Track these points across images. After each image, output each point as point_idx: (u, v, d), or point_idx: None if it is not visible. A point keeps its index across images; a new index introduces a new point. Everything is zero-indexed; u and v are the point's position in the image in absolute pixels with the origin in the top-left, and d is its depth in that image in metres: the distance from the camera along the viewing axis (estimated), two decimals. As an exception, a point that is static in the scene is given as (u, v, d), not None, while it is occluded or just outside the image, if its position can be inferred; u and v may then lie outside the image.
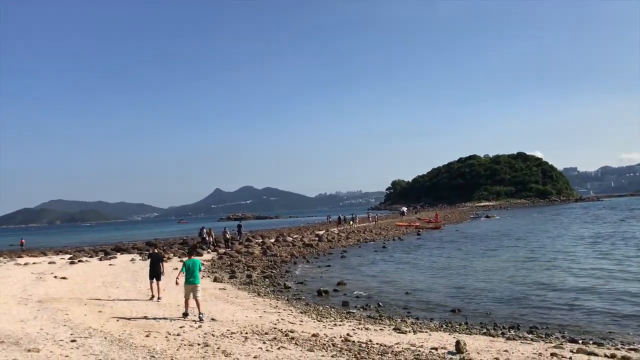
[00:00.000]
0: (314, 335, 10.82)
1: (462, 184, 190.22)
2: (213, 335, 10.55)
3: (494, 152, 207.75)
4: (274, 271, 25.63)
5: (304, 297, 18.12)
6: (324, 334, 11.01)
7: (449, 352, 9.42)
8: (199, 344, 9.59)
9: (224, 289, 19.24)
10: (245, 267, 26.85)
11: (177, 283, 13.46)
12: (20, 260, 28.21)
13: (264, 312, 14.16)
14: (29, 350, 8.52)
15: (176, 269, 24.88)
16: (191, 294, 12.69)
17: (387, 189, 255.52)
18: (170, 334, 10.48)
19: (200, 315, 12.39)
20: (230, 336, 10.50)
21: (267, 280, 22.56)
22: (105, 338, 9.87)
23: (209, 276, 23.25)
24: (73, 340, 9.50)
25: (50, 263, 26.49)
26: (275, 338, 10.34)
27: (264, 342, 9.92)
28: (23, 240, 70.52)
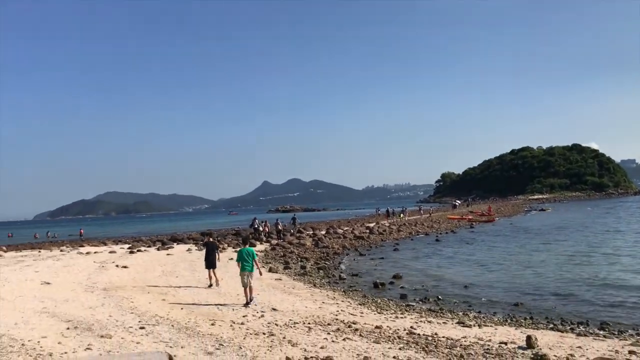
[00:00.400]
0: (377, 327, 10.70)
1: (515, 176, 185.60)
2: (276, 324, 10.58)
3: (548, 144, 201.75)
4: (327, 263, 25.62)
5: (360, 289, 18.01)
6: (387, 326, 10.88)
7: (520, 347, 9.13)
8: (264, 333, 9.62)
9: (280, 279, 19.36)
10: (299, 258, 26.96)
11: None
12: (82, 250, 29.19)
13: (323, 303, 14.14)
14: (101, 336, 8.73)
15: (231, 259, 25.30)
16: (246, 280, 13.29)
17: (436, 182, 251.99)
18: (234, 323, 10.56)
19: (251, 300, 13.18)
20: (294, 326, 10.50)
21: (321, 271, 22.56)
22: (172, 326, 10.03)
23: (263, 266, 23.43)
24: (142, 327, 9.69)
25: (110, 252, 27.29)
26: (338, 329, 10.28)
27: (328, 333, 9.87)
28: (82, 231, 73.12)
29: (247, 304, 12.99)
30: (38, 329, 9.17)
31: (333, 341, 9.21)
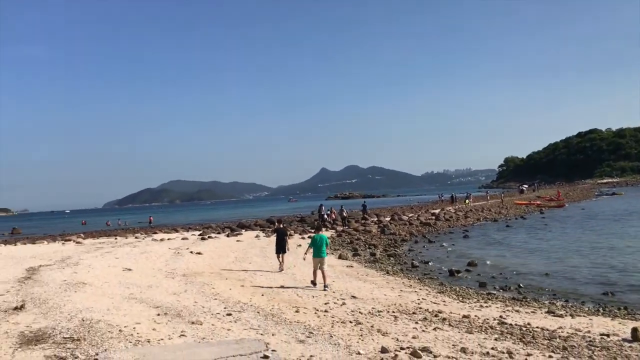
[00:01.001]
0: (465, 316, 10.34)
1: (582, 159, 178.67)
2: (361, 313, 10.40)
3: (617, 126, 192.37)
4: (396, 250, 25.27)
5: (435, 277, 17.61)
6: (475, 316, 10.50)
7: (624, 340, 8.57)
8: (350, 322, 9.46)
9: (351, 266, 19.21)
10: (367, 245, 26.75)
11: (304, 258, 15.65)
12: (156, 237, 30.01)
13: (401, 291, 13.87)
14: (192, 323, 8.79)
15: (300, 245, 25.41)
16: (318, 266, 13.87)
17: (499, 167, 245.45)
18: (318, 310, 10.47)
19: (325, 287, 13.47)
20: (379, 315, 10.29)
21: (391, 258, 22.25)
22: (258, 312, 10.02)
23: (332, 253, 23.35)
24: (229, 314, 9.72)
25: (183, 239, 27.89)
26: (425, 318, 10.00)
27: (416, 322, 9.61)
28: (151, 218, 75.49)
29: (324, 288, 13.44)
30: (130, 314, 9.34)
31: (423, 331, 8.94)
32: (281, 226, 18.97)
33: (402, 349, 7.58)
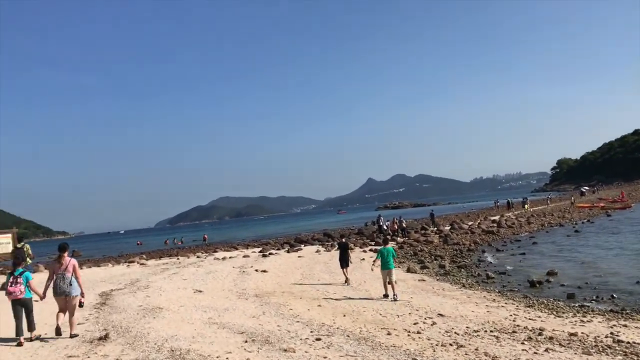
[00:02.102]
0: (571, 334, 9.49)
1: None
2: (456, 333, 9.68)
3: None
4: (465, 260, 24.28)
5: (516, 289, 16.66)
6: (582, 333, 9.63)
7: None
8: (450, 344, 8.77)
9: (423, 280, 18.45)
10: (432, 257, 25.87)
11: (372, 269, 16.59)
12: (218, 255, 29.90)
13: (487, 306, 13.04)
14: (284, 350, 8.28)
15: (363, 259, 24.78)
16: (387, 278, 14.44)
17: (552, 169, 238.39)
18: (410, 332, 9.80)
19: (395, 297, 13.96)
20: (477, 335, 9.55)
21: (462, 270, 21.33)
22: (348, 336, 9.43)
23: (399, 266, 22.61)
24: (318, 339, 9.18)
25: (244, 257, 27.65)
26: (530, 338, 9.19)
27: (522, 343, 8.83)
28: (206, 236, 76.18)
29: (394, 299, 13.90)
30: (217, 342, 8.91)
31: (535, 353, 8.17)
32: (343, 240, 19.36)
33: (524, 377, 6.85)
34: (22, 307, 9.24)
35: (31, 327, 9.41)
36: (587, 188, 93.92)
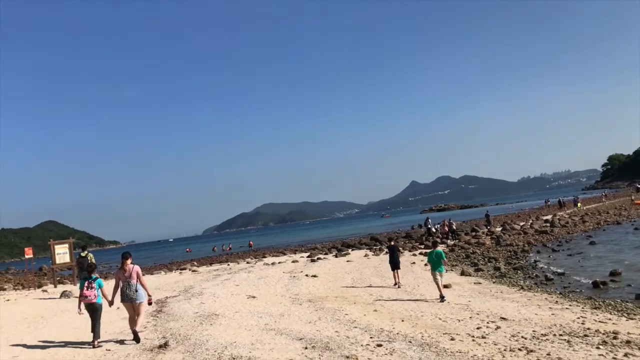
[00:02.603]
0: (649, 337, 8.92)
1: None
2: (524, 338, 9.24)
3: None
4: (520, 262, 23.55)
5: (578, 290, 15.98)
6: (662, 336, 9.04)
7: None
8: (519, 349, 8.36)
9: (479, 282, 17.92)
10: (486, 259, 25.19)
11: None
12: (267, 261, 29.93)
13: (550, 308, 12.48)
14: (347, 357, 8.06)
15: (414, 263, 24.34)
16: (438, 278, 14.59)
17: (602, 166, 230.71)
18: (474, 337, 9.42)
19: (442, 298, 14.13)
20: (545, 339, 9.09)
21: (519, 272, 20.67)
22: (410, 342, 9.13)
23: (452, 269, 22.13)
24: (379, 345, 8.91)
25: (293, 262, 27.60)
26: (604, 342, 8.68)
27: (597, 347, 8.34)
28: (251, 242, 76.89)
29: (441, 299, 14.07)
30: (277, 349, 8.75)
31: (614, 358, 7.69)
32: (392, 243, 19.32)
33: (609, 384, 6.41)
34: (93, 311, 9.78)
35: (97, 335, 9.80)
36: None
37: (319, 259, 28.41)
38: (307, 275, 21.23)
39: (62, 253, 22.95)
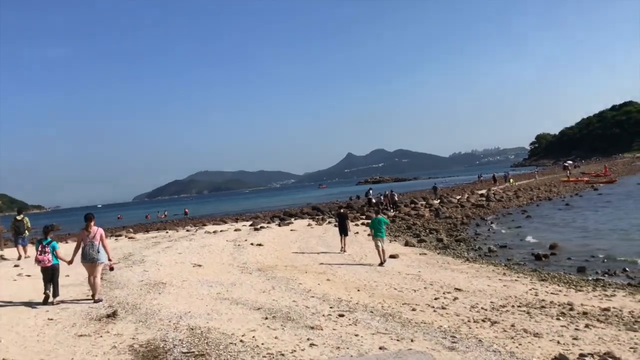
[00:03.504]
0: (604, 309, 9.11)
1: (618, 133, 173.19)
2: (483, 309, 9.24)
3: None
4: (461, 234, 24.01)
5: (521, 262, 16.36)
6: (614, 308, 9.25)
7: None
8: (483, 320, 8.33)
9: (424, 253, 18.10)
10: (427, 230, 25.54)
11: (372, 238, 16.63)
12: (208, 229, 29.18)
13: (500, 280, 12.68)
14: (311, 328, 7.73)
15: (357, 233, 24.35)
16: (379, 244, 15.48)
17: (530, 144, 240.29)
18: (435, 308, 9.36)
19: (385, 261, 15.25)
20: (504, 310, 9.13)
21: (461, 244, 21.02)
22: (372, 312, 8.92)
23: (394, 240, 22.29)
24: (341, 315, 8.66)
25: (236, 230, 27.00)
26: (563, 313, 8.79)
27: (557, 319, 8.42)
28: (187, 210, 75.16)
29: (381, 264, 15.11)
30: (235, 319, 8.32)
31: (577, 329, 7.76)
32: (342, 211, 20.86)
33: (582, 355, 6.40)
34: (50, 274, 9.94)
35: (55, 293, 10.00)
36: (570, 162, 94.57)
37: (262, 227, 27.95)
38: (252, 244, 20.77)
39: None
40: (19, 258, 17.64)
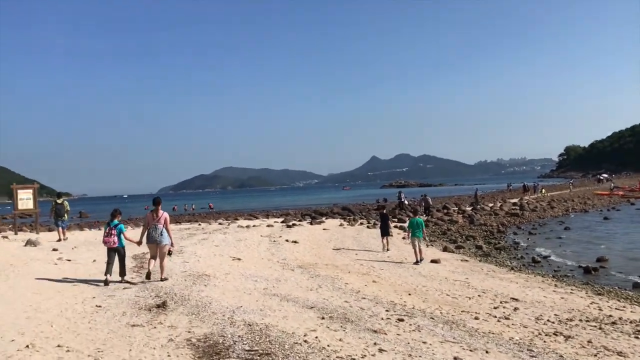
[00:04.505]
0: (680, 329, 8.48)
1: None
2: (549, 321, 8.68)
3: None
4: (500, 242, 23.32)
5: (569, 274, 15.66)
6: (690, 328, 8.61)
7: None
8: (554, 334, 7.78)
9: (466, 260, 17.54)
10: (463, 237, 24.89)
11: (404, 238, 19.37)
12: (240, 223, 28.93)
13: (554, 291, 12.07)
14: (374, 332, 7.27)
15: (391, 235, 23.80)
16: (416, 243, 16.00)
17: (559, 156, 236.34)
18: (498, 317, 8.82)
19: (421, 260, 15.86)
20: (572, 323, 8.55)
21: (501, 252, 20.39)
22: (432, 319, 8.43)
23: (430, 244, 21.71)
24: (400, 319, 8.18)
25: (268, 226, 26.68)
26: (639, 331, 8.19)
27: (635, 337, 7.83)
28: (211, 205, 75.30)
29: (416, 262, 15.68)
30: (291, 317, 7.90)
31: (662, 350, 7.17)
32: (384, 211, 20.48)
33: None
34: (115, 253, 10.50)
35: (122, 273, 10.58)
36: (605, 175, 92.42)
37: (294, 224, 27.59)
38: (287, 240, 20.41)
39: (25, 199, 21.33)
40: (59, 240, 17.71)
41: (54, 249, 15.54)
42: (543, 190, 58.65)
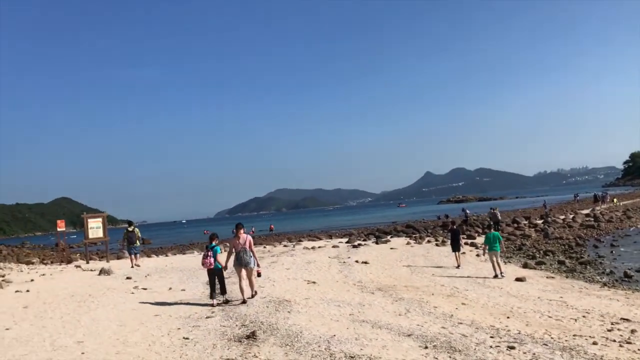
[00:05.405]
0: None
1: None
2: (679, 345, 7.70)
3: None
4: (583, 256, 21.90)
5: (674, 290, 14.34)
6: None
7: None
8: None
9: (552, 277, 16.49)
10: (541, 252, 23.56)
11: (483, 253, 18.80)
12: (305, 244, 28.55)
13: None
14: (482, 361, 6.54)
15: (463, 253, 22.82)
16: (494, 258, 16.01)
17: (624, 163, 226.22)
18: (618, 342, 7.90)
19: (501, 274, 15.80)
20: None
21: (587, 267, 19.04)
22: (545, 345, 7.62)
23: (508, 261, 20.62)
24: (511, 347, 7.41)
25: (334, 247, 26.17)
26: None
27: None
28: (272, 226, 75.39)
29: (495, 277, 15.61)
30: (391, 348, 7.27)
31: None
32: (455, 227, 19.97)
33: None
34: (214, 276, 11.07)
35: (223, 291, 11.16)
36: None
37: (359, 244, 26.95)
38: (357, 261, 19.79)
39: (95, 227, 21.72)
40: (132, 267, 17.91)
41: (128, 277, 15.48)
42: (615, 200, 55.83)
